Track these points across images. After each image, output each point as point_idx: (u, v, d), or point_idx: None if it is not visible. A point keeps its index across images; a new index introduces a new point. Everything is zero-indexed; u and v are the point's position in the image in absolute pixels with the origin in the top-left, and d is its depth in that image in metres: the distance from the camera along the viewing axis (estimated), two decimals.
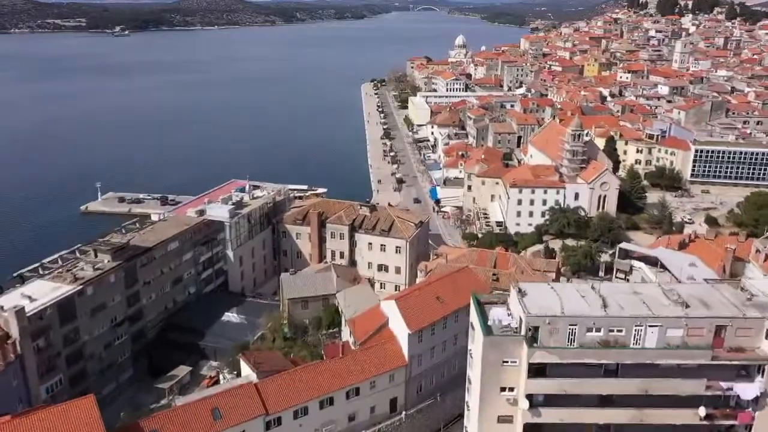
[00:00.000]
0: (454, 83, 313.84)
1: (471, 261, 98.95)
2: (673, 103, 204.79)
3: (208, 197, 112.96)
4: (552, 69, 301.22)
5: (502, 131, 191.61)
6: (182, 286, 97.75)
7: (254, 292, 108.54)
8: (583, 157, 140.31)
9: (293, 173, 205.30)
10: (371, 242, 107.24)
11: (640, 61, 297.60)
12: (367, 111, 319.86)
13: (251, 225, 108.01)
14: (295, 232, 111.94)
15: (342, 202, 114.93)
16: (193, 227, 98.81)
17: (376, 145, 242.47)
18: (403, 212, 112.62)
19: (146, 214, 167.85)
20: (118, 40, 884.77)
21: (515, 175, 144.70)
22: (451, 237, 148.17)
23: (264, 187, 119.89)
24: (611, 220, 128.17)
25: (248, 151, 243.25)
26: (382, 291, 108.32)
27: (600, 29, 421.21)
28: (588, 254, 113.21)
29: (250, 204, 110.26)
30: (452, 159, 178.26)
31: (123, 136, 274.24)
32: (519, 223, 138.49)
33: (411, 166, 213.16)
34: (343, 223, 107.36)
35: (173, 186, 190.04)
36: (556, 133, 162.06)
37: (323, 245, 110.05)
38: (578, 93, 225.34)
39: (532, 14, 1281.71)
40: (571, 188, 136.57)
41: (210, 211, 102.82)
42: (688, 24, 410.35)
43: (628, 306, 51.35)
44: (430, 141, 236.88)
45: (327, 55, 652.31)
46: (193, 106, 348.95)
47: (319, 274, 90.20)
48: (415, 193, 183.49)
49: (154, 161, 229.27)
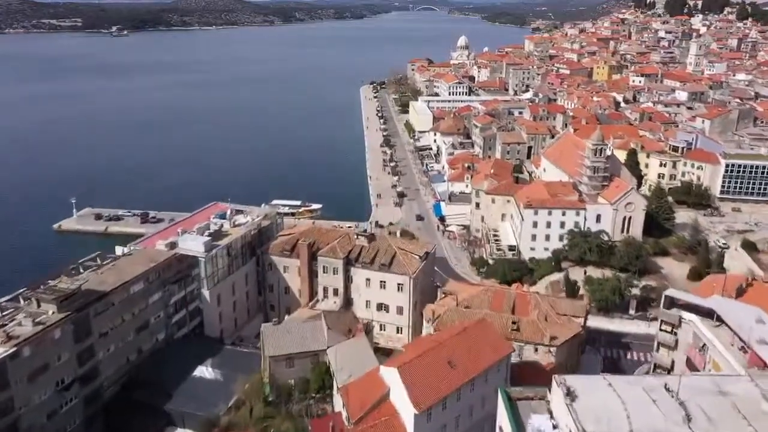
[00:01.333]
0: (457, 87, 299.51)
1: (485, 303, 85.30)
2: (693, 110, 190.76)
3: (183, 225, 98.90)
4: (560, 72, 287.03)
5: (511, 141, 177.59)
6: (149, 333, 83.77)
7: (235, 335, 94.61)
8: (605, 174, 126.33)
9: (286, 186, 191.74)
10: (369, 278, 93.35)
11: (653, 64, 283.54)
12: (366, 115, 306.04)
13: (232, 258, 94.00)
14: (283, 264, 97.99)
15: (336, 229, 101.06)
16: (162, 264, 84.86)
17: (376, 154, 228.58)
18: (406, 242, 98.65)
19: (124, 233, 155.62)
20: (118, 40, 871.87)
21: (529, 193, 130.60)
22: (458, 261, 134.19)
23: (248, 212, 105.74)
24: (639, 247, 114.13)
25: (239, 160, 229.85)
26: (381, 333, 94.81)
27: (607, 30, 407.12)
28: (616, 289, 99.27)
29: (231, 233, 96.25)
30: (457, 172, 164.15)
31: (107, 141, 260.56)
32: (534, 248, 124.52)
33: (413, 177, 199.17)
34: (336, 256, 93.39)
35: (157, 199, 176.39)
36: (572, 145, 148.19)
37: (314, 280, 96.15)
38: (590, 99, 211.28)
39: (533, 14, 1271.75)
40: (592, 209, 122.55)
41: (183, 244, 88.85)
42: (699, 24, 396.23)
43: (721, 419, 37.38)
44: (433, 149, 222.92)
45: (325, 55, 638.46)
46: (185, 109, 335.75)
47: (307, 324, 76.27)
48: (418, 209, 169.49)
49: (138, 170, 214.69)
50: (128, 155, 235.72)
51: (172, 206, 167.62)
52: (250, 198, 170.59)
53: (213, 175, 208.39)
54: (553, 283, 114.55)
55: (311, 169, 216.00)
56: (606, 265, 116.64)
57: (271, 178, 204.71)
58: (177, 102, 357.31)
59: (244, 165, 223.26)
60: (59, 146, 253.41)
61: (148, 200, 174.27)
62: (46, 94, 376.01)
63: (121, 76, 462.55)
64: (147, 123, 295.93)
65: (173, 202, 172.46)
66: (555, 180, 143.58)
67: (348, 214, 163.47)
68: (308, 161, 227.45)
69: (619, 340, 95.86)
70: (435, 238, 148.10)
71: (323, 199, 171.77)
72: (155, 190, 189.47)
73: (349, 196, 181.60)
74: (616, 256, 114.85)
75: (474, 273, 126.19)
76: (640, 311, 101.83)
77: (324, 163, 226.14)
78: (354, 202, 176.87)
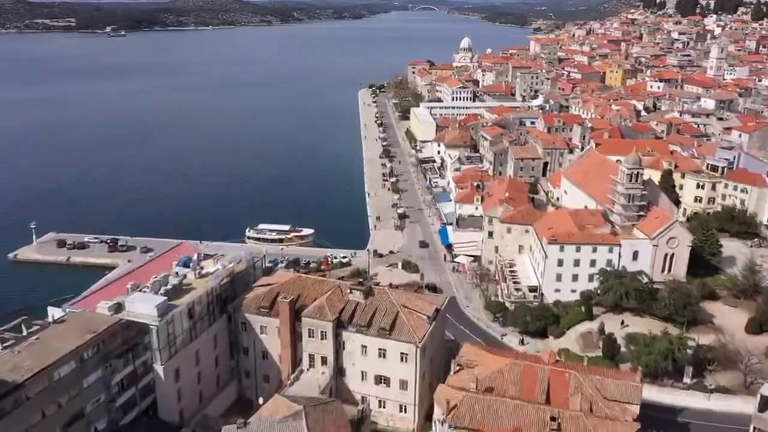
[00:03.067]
0: (461, 91, 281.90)
1: (512, 384, 67.20)
2: (724, 120, 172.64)
3: (136, 276, 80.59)
4: (571, 76, 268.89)
5: (525, 157, 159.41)
6: (84, 424, 65.42)
7: (199, 415, 76.26)
8: (641, 202, 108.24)
9: (275, 206, 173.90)
10: (366, 345, 75.23)
11: (670, 68, 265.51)
12: (363, 122, 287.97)
13: (195, 320, 75.68)
14: (260, 324, 79.78)
15: (325, 281, 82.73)
16: (103, 335, 66.64)
17: (374, 167, 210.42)
18: (411, 296, 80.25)
19: (89, 264, 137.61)
20: (113, 41, 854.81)
21: (552, 222, 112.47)
22: (469, 302, 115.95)
23: (219, 255, 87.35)
24: (687, 293, 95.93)
25: (223, 176, 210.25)
26: (381, 411, 76.73)
27: (617, 31, 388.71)
28: (669, 354, 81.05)
29: (195, 287, 77.91)
30: (466, 192, 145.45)
31: (78, 155, 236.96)
32: (559, 289, 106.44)
33: (415, 194, 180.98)
34: (325, 316, 75.19)
35: (130, 223, 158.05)
36: (598, 165, 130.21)
37: (298, 345, 77.97)
38: (609, 107, 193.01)
39: (533, 14, 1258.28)
40: (628, 245, 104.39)
41: (131, 306, 70.64)
42: (712, 25, 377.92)
43: None
44: (437, 162, 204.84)
45: (322, 57, 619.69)
46: (170, 117, 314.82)
47: (282, 425, 57.97)
48: (421, 233, 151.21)
49: (111, 189, 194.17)
50: (101, 171, 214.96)
51: (147, 230, 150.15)
52: (233, 222, 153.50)
53: (193, 194, 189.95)
54: (585, 336, 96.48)
55: (303, 186, 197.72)
56: (646, 313, 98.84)
57: (257, 196, 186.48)
58: (161, 109, 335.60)
59: (229, 182, 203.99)
60: (23, 160, 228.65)
61: (119, 224, 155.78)
62: (22, 99, 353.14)
63: (108, 79, 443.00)
64: (125, 133, 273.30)
65: (148, 226, 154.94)
66: (578, 204, 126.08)
67: (343, 240, 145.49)
68: (300, 177, 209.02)
69: (675, 418, 77.61)
70: (441, 270, 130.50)
71: (316, 222, 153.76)
72: (128, 212, 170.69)
73: (344, 217, 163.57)
74: (659, 302, 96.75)
75: (488, 318, 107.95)
76: (696, 378, 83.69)
77: (318, 178, 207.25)
78: (350, 224, 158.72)
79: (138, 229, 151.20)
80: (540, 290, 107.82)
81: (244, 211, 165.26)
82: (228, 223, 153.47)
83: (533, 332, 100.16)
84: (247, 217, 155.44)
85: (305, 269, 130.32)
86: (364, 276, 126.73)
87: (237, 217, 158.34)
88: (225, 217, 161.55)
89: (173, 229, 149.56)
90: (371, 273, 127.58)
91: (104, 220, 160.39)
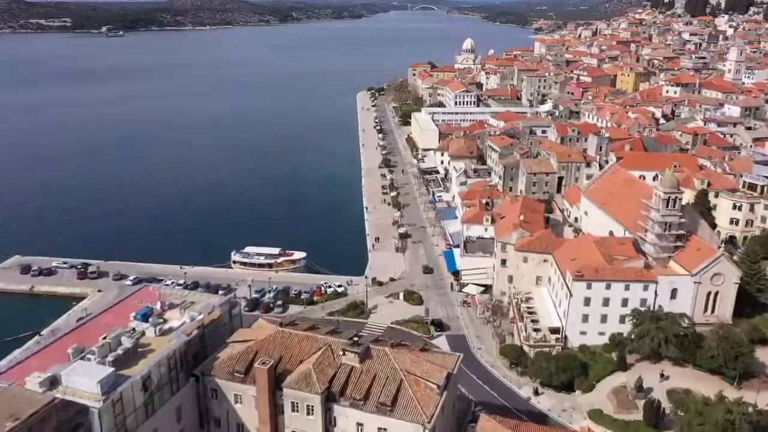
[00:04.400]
0: (465, 95, 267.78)
1: None
2: (753, 129, 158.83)
3: (80, 335, 66.51)
4: (581, 80, 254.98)
5: (539, 171, 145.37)
6: None
7: None
8: (679, 231, 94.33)
9: (265, 224, 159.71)
10: (362, 423, 61.31)
11: (684, 71, 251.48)
12: (362, 127, 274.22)
13: (152, 391, 61.67)
14: (233, 392, 65.83)
15: (313, 337, 68.47)
16: (31, 420, 52.63)
17: (373, 178, 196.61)
18: (418, 359, 66.05)
19: (55, 294, 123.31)
20: (109, 41, 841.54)
21: (575, 251, 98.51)
22: (481, 342, 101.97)
23: (188, 303, 73.22)
24: (738, 342, 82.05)
25: (208, 192, 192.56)
26: None
27: (625, 32, 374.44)
28: (728, 426, 67.07)
29: (154, 348, 63.96)
30: (474, 211, 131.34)
31: (50, 168, 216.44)
32: (585, 331, 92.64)
33: (417, 209, 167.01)
34: (312, 387, 61.24)
35: (104, 245, 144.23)
36: (624, 184, 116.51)
37: (280, 418, 64.04)
38: (625, 115, 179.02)
39: (533, 14, 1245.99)
40: (666, 282, 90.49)
41: (69, 380, 56.71)
42: (724, 26, 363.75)
43: None
44: (440, 173, 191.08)
45: (320, 57, 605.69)
46: (154, 125, 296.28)
47: None
48: (425, 256, 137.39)
49: (83, 207, 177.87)
50: (75, 186, 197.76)
51: (123, 253, 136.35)
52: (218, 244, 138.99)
53: (175, 212, 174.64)
54: (619, 392, 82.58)
55: (297, 203, 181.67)
56: (689, 363, 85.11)
57: (245, 214, 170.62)
58: (147, 116, 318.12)
59: (214, 198, 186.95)
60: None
61: (93, 246, 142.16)
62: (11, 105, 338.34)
63: (96, 82, 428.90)
64: (104, 144, 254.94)
65: (124, 248, 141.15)
66: (601, 229, 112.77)
67: (339, 264, 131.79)
68: (293, 193, 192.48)
69: None
70: (448, 301, 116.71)
71: (309, 244, 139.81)
72: (103, 232, 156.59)
73: (341, 238, 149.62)
74: (705, 352, 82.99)
75: (505, 366, 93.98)
76: None
77: (312, 193, 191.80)
78: (347, 245, 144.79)
79: (113, 251, 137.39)
80: (563, 332, 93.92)
81: (230, 231, 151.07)
82: (212, 245, 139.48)
83: (556, 386, 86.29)
84: (233, 238, 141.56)
85: (295, 300, 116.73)
86: (362, 308, 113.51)
87: (222, 237, 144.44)
88: (209, 238, 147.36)
89: (151, 251, 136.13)
90: (370, 306, 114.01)
91: (76, 241, 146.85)
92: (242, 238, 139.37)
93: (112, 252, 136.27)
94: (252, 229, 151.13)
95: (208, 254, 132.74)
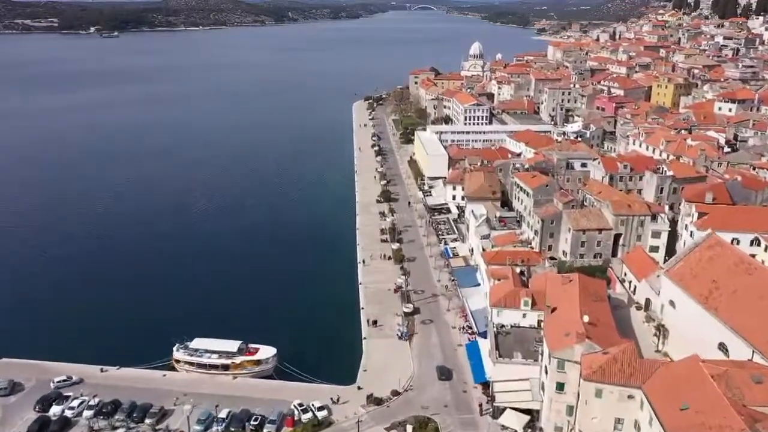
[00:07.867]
0: (476, 110, 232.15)
1: None
2: None
3: None
4: (612, 94, 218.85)
5: (589, 228, 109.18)
6: None
7: None
8: None
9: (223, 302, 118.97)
10: None
11: (732, 82, 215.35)
12: (357, 145, 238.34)
13: None
14: None
15: None
16: None
17: (371, 216, 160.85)
18: None
19: None
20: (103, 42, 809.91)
21: (680, 386, 62.54)
22: None
23: None
24: None
25: (157, 250, 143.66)
26: None
27: (651, 35, 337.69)
28: None
29: None
30: (506, 289, 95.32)
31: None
32: None
33: (426, 265, 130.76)
34: None
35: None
36: (733, 268, 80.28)
37: None
38: (684, 144, 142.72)
39: (534, 14, 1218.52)
40: None
41: None
42: (759, 28, 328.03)
43: None
44: (452, 212, 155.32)
45: (315, 59, 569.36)
46: (118, 141, 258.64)
47: None
48: (439, 349, 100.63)
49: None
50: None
51: (21, 349, 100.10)
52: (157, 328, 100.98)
53: (96, 281, 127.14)
54: None
55: (269, 266, 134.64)
56: None
57: (196, 287, 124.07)
58: (114, 129, 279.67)
59: (155, 264, 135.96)
60: None
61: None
62: None
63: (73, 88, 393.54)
64: (50, 163, 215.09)
65: (23, 342, 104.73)
66: (701, 336, 76.85)
67: (322, 363, 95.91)
68: (266, 250, 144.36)
69: None
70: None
71: (281, 330, 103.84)
72: None
73: (326, 317, 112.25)
74: None
75: None
76: None
77: (293, 246, 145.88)
78: (333, 331, 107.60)
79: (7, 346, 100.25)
80: None
81: (175, 310, 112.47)
82: (150, 332, 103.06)
83: None
84: (179, 322, 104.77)
85: None
86: None
87: (165, 320, 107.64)
88: (147, 321, 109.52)
89: (65, 347, 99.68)
90: None
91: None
92: (191, 323, 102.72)
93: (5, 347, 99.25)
94: (205, 309, 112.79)
95: (142, 346, 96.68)
